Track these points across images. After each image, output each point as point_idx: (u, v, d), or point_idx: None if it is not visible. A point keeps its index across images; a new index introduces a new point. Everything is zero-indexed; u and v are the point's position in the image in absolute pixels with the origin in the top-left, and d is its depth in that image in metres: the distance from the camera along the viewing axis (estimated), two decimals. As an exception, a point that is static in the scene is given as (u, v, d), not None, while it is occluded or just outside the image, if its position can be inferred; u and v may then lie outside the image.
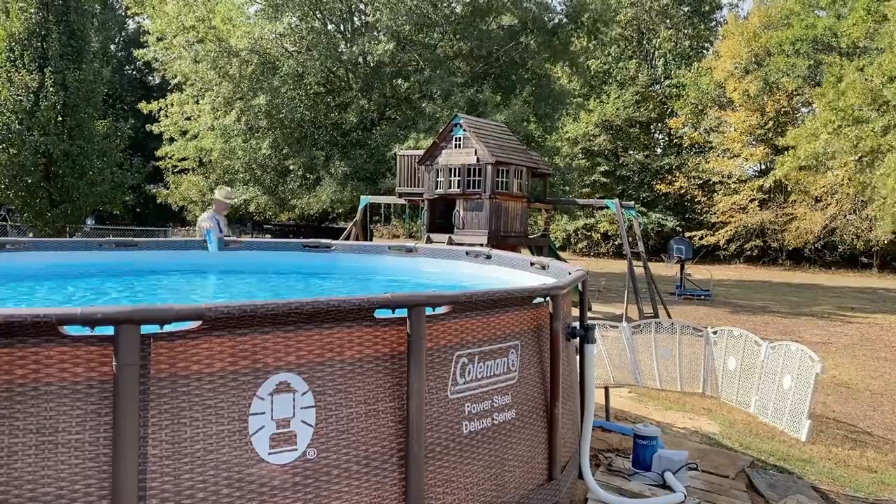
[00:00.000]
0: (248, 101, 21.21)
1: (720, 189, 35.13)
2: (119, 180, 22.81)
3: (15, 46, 19.80)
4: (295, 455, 2.32)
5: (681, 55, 40.20)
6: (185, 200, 27.11)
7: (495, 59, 23.64)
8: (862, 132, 18.71)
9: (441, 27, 22.72)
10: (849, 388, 8.07)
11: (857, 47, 26.56)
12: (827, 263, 33.12)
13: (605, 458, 4.29)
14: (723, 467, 4.34)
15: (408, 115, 22.10)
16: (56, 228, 21.21)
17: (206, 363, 2.20)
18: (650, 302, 12.50)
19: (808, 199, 31.22)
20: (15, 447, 1.95)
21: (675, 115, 38.48)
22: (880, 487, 4.55)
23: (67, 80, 20.15)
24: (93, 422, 2.03)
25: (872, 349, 10.89)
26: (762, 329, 11.94)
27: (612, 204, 13.59)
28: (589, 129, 37.31)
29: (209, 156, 23.13)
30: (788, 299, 18.76)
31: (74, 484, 2.00)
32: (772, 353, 6.35)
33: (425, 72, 21.40)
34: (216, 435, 2.19)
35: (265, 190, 23.54)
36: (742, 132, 34.51)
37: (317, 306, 2.33)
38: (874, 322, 14.42)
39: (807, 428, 5.59)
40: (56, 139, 19.99)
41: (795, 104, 34.15)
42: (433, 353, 2.71)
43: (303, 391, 2.36)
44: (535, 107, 22.45)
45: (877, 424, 6.53)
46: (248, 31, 20.48)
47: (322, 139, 22.71)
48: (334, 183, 20.91)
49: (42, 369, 2.00)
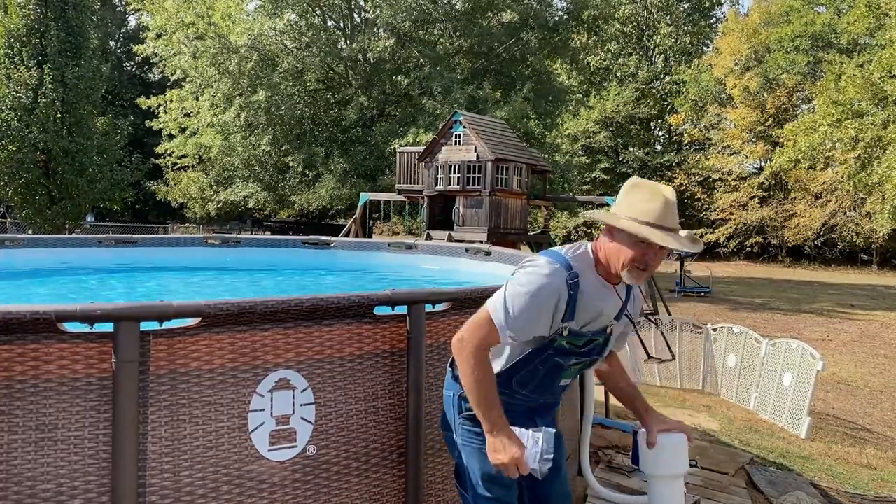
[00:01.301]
0: (248, 97, 21.19)
1: (720, 186, 35.13)
2: (118, 177, 22.79)
3: (14, 43, 19.76)
4: (294, 452, 2.32)
5: (681, 52, 40.14)
6: (185, 197, 27.11)
7: (495, 56, 23.60)
8: (862, 125, 18.68)
9: (441, 23, 22.68)
10: (848, 384, 8.08)
11: (858, 44, 26.54)
12: (827, 260, 33.15)
13: (605, 454, 4.29)
14: (722, 464, 4.34)
15: (408, 111, 22.08)
16: (55, 225, 21.19)
17: (206, 360, 2.20)
18: (650, 299, 12.50)
19: (808, 195, 31.24)
20: (14, 444, 1.95)
21: (676, 112, 38.44)
22: (880, 484, 4.56)
23: (66, 77, 20.11)
24: (92, 419, 2.03)
25: (872, 346, 10.91)
26: (762, 326, 11.95)
27: (613, 201, 13.58)
28: (589, 125, 37.26)
29: (209, 152, 23.11)
30: (788, 296, 18.77)
31: (74, 481, 2.00)
32: (772, 350, 6.35)
33: (425, 68, 21.36)
34: (216, 432, 2.19)
35: (265, 186, 23.53)
36: (742, 129, 34.50)
37: (316, 303, 2.32)
38: (874, 319, 14.43)
39: (806, 425, 5.60)
40: (55, 136, 19.97)
41: (796, 101, 34.13)
42: (433, 350, 2.71)
43: (302, 388, 2.36)
44: (535, 103, 22.43)
45: (876, 421, 6.54)
46: (248, 28, 20.44)
47: (322, 136, 22.69)
48: (334, 179, 20.90)
49: (41, 366, 1.99)
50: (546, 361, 2.03)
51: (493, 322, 1.96)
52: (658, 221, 1.85)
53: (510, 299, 1.94)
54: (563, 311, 1.93)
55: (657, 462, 2.15)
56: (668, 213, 1.87)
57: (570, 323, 1.96)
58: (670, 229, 1.86)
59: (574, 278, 1.94)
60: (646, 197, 1.89)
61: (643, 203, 1.88)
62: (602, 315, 2.03)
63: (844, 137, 19.16)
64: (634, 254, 1.88)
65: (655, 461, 2.16)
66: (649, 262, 1.88)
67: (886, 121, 18.77)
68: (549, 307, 1.92)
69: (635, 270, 1.90)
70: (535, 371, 2.05)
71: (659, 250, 1.89)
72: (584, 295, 1.95)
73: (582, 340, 2.02)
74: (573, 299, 1.93)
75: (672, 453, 2.14)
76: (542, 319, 1.94)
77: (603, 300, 2.00)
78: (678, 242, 1.85)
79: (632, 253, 1.88)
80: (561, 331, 1.96)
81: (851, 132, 18.95)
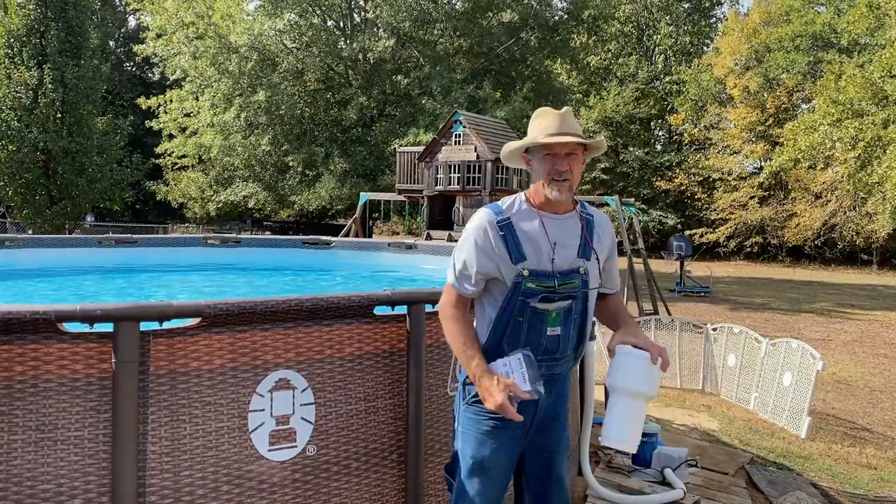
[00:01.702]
0: (248, 97, 21.19)
1: (720, 186, 35.08)
2: (118, 177, 22.78)
3: (14, 43, 19.76)
4: (294, 452, 2.32)
5: (681, 51, 40.11)
6: (185, 197, 27.11)
7: (495, 56, 23.61)
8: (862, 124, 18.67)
9: (441, 23, 22.68)
10: (848, 384, 8.07)
11: (858, 44, 26.53)
12: (827, 260, 33.13)
13: (605, 454, 4.29)
14: (722, 464, 4.34)
15: (407, 111, 22.08)
16: (55, 225, 21.19)
17: (206, 360, 2.20)
18: (650, 299, 12.51)
19: (808, 195, 31.20)
20: (14, 444, 1.95)
21: (676, 112, 38.38)
22: (880, 484, 4.55)
23: (66, 77, 20.11)
24: (92, 419, 2.03)
25: (872, 346, 10.90)
26: (762, 326, 11.94)
27: (612, 201, 13.58)
28: (589, 125, 37.20)
29: (208, 152, 23.11)
30: (788, 296, 18.77)
31: (74, 481, 2.00)
32: (772, 349, 6.35)
33: (425, 68, 21.37)
34: (216, 432, 2.19)
35: (265, 186, 23.54)
36: (742, 129, 34.45)
37: (316, 303, 2.32)
38: (874, 319, 14.43)
39: (806, 425, 5.60)
40: (55, 136, 19.96)
41: (796, 100, 34.10)
42: (433, 349, 2.71)
43: (302, 388, 2.36)
44: (535, 103, 22.42)
45: (876, 421, 6.53)
46: (248, 28, 20.45)
47: (322, 136, 22.69)
48: (334, 179, 20.91)
49: (41, 366, 1.99)
50: (523, 310, 2.05)
51: (449, 283, 2.16)
52: (547, 132, 2.05)
53: (453, 257, 2.16)
54: (503, 247, 2.05)
55: (613, 372, 2.08)
56: (553, 122, 2.06)
57: (524, 262, 2.04)
58: (559, 134, 2.04)
59: (502, 215, 2.09)
60: (536, 118, 2.13)
61: (534, 123, 2.12)
62: (562, 248, 2.08)
63: (844, 137, 19.15)
64: (545, 167, 2.06)
65: (612, 371, 2.09)
66: (559, 168, 2.04)
67: (886, 120, 18.76)
68: (481, 245, 2.07)
69: (554, 183, 2.05)
70: (517, 325, 2.06)
71: (566, 157, 2.05)
72: (522, 230, 2.07)
73: (553, 282, 2.05)
74: (510, 235, 2.05)
75: (629, 367, 2.03)
76: (480, 259, 2.07)
77: (552, 231, 2.09)
78: (562, 137, 2.02)
79: (542, 167, 2.07)
80: (520, 272, 2.03)
81: (851, 132, 18.94)
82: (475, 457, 2.12)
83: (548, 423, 2.19)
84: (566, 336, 2.12)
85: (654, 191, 37.85)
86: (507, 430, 2.10)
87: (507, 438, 2.12)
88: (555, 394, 2.20)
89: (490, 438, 2.11)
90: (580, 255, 2.10)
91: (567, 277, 2.07)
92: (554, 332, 2.10)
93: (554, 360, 2.14)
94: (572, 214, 2.15)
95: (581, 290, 2.10)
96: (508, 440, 2.13)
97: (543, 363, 2.10)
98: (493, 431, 2.11)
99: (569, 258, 2.09)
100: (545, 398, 2.06)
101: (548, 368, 2.13)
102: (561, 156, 2.04)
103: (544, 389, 2.01)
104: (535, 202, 2.12)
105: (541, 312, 2.06)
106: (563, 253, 2.08)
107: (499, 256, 2.05)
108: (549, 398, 2.14)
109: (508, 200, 2.16)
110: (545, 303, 2.05)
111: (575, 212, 2.17)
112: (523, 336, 2.07)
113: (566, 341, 2.13)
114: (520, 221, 2.08)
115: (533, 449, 2.19)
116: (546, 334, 2.09)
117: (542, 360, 2.10)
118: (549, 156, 2.05)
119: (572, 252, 2.10)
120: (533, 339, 2.07)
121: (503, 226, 2.06)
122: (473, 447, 2.13)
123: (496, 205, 2.15)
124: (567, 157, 2.05)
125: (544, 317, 2.07)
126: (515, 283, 2.04)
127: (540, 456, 2.21)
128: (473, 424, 2.14)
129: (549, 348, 2.11)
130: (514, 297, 2.04)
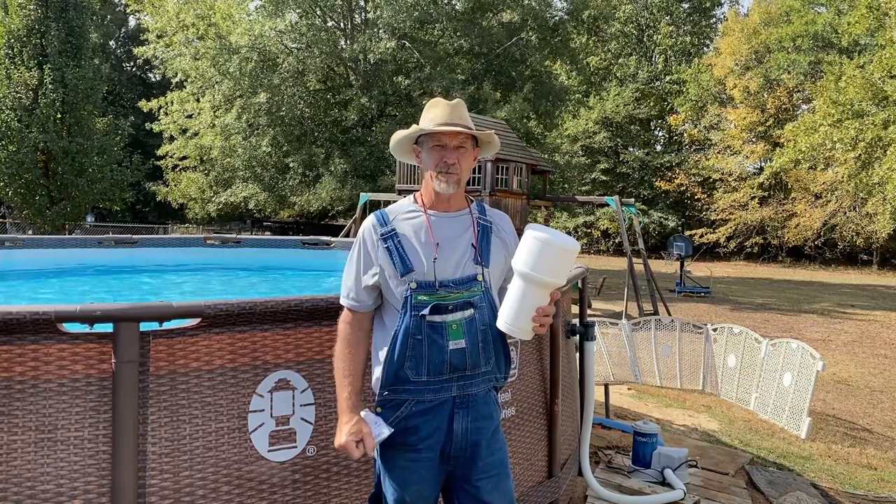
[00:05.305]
0: (249, 98, 21.18)
1: (720, 186, 35.09)
2: (119, 178, 22.81)
3: (14, 43, 19.79)
4: (294, 452, 2.33)
5: (681, 52, 40.11)
6: (185, 198, 27.09)
7: (495, 56, 23.60)
8: (862, 125, 18.68)
9: (442, 24, 22.68)
10: (848, 385, 8.07)
11: (858, 44, 26.54)
12: (827, 260, 33.15)
13: (605, 455, 4.30)
14: (722, 464, 4.34)
15: (408, 112, 22.06)
16: (55, 226, 21.20)
17: (206, 360, 2.20)
18: (650, 299, 12.50)
19: (808, 195, 31.21)
20: (14, 444, 1.95)
21: (676, 112, 38.41)
22: (880, 485, 4.55)
23: (66, 78, 20.13)
24: (92, 419, 2.03)
25: (872, 346, 10.90)
26: (762, 326, 11.94)
27: (612, 201, 13.58)
28: (589, 126, 37.24)
29: (209, 153, 23.11)
30: (788, 296, 18.76)
31: (74, 481, 2.00)
32: (772, 350, 6.35)
33: (426, 69, 21.36)
34: (215, 432, 2.19)
35: (265, 187, 23.51)
36: (742, 129, 34.47)
37: (316, 303, 2.32)
38: (874, 319, 14.43)
39: (806, 425, 5.60)
40: (55, 136, 19.98)
41: (796, 101, 34.11)
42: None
43: (302, 388, 2.36)
44: (535, 104, 22.45)
45: (876, 422, 6.53)
46: (249, 29, 20.45)
47: (322, 136, 22.69)
48: (334, 180, 20.89)
49: (41, 367, 2.00)
50: (419, 326, 1.91)
51: (341, 299, 2.08)
52: (435, 122, 1.99)
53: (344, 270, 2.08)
54: (387, 260, 1.96)
55: (516, 255, 1.90)
56: (443, 113, 2.01)
57: (412, 274, 1.93)
58: (447, 124, 1.98)
59: (386, 226, 2.01)
60: (428, 109, 2.07)
61: (425, 114, 2.06)
62: (447, 250, 1.96)
63: (845, 138, 19.16)
64: (433, 159, 2.00)
65: (516, 253, 1.91)
66: (448, 161, 1.97)
67: (887, 121, 18.76)
68: (361, 255, 2.02)
69: (441, 175, 1.98)
70: (417, 344, 1.92)
71: (455, 149, 1.99)
72: (406, 237, 1.98)
73: (446, 293, 1.93)
74: (394, 246, 1.97)
75: (530, 247, 1.85)
76: (361, 270, 2.01)
77: (438, 231, 1.99)
78: (451, 127, 1.96)
79: (430, 159, 2.01)
80: (409, 283, 1.93)
81: (852, 132, 18.95)
82: (395, 491, 2.01)
83: (468, 450, 2.00)
84: (473, 350, 1.95)
85: (654, 191, 37.88)
86: (419, 463, 1.98)
87: (424, 468, 1.99)
88: (472, 417, 1.99)
89: (406, 472, 1.99)
90: (477, 262, 1.99)
91: (463, 286, 1.95)
92: (458, 345, 1.93)
93: (465, 377, 1.97)
94: (464, 213, 2.06)
95: (484, 297, 1.98)
96: (425, 469, 1.99)
97: (453, 382, 1.95)
98: (408, 464, 1.99)
99: (458, 262, 1.97)
100: (459, 422, 1.96)
101: (460, 389, 1.96)
102: (450, 147, 1.98)
103: (461, 413, 1.95)
104: (425, 200, 2.05)
105: (438, 325, 1.92)
106: (448, 255, 1.97)
107: (383, 269, 1.97)
108: (463, 421, 1.98)
109: (399, 202, 2.10)
110: (440, 313, 1.92)
111: (468, 211, 2.07)
112: (425, 353, 1.92)
113: (475, 356, 1.96)
114: (405, 223, 2.00)
115: (456, 477, 2.03)
116: (448, 349, 1.92)
117: (451, 379, 1.94)
118: (438, 147, 1.99)
119: (462, 255, 1.98)
120: (434, 355, 1.92)
121: (387, 237, 1.98)
122: (391, 479, 2.02)
123: (383, 212, 2.06)
124: (456, 150, 1.98)
125: (443, 330, 1.92)
126: (405, 298, 1.93)
127: (467, 484, 2.01)
128: (390, 457, 2.03)
129: (455, 364, 1.93)
130: (408, 313, 1.92)
